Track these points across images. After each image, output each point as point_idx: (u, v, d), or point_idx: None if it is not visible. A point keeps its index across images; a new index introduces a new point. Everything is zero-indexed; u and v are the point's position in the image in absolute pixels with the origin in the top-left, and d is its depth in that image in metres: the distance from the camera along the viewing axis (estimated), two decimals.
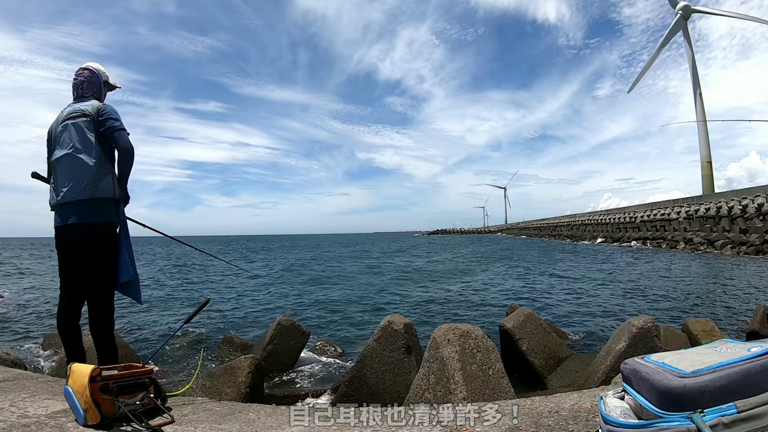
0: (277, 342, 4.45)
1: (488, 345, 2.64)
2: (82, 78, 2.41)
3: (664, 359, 1.15)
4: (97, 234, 2.17)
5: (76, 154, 2.18)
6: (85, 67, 2.46)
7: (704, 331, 4.67)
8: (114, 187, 2.23)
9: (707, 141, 40.15)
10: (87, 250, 2.16)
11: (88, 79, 2.42)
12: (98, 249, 2.17)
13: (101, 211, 2.18)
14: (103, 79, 2.49)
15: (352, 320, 7.74)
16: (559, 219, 66.28)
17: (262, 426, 1.72)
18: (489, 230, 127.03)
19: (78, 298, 2.21)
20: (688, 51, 41.40)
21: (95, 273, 2.18)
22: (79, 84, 2.40)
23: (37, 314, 8.16)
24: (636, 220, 35.48)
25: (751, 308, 6.87)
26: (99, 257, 2.18)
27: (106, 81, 2.53)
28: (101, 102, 2.40)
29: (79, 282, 2.20)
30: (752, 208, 22.48)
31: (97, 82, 2.45)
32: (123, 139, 2.26)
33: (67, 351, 2.21)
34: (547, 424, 1.60)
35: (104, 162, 2.23)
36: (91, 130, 2.22)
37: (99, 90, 2.46)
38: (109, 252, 2.21)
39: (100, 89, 2.47)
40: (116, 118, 2.29)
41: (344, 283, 13.80)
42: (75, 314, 2.22)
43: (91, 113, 2.26)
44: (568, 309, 8.22)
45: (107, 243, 2.21)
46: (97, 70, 2.47)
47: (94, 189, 2.15)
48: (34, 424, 1.59)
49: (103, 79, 2.50)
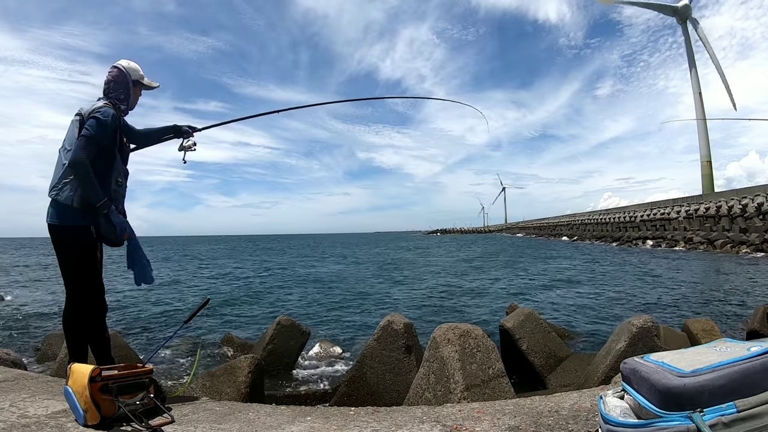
0: (277, 341, 4.45)
1: (488, 344, 2.64)
2: (109, 77, 2.30)
3: (663, 359, 1.15)
4: (58, 236, 2.14)
5: (61, 152, 2.16)
6: (115, 65, 2.33)
7: (704, 331, 4.67)
8: (74, 195, 2.09)
9: (707, 140, 40.17)
10: (55, 250, 2.16)
11: (114, 78, 2.30)
12: (59, 250, 2.15)
13: (63, 214, 2.11)
14: (132, 78, 2.35)
15: (352, 320, 7.74)
16: (559, 218, 66.30)
17: (262, 426, 1.72)
18: (489, 230, 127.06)
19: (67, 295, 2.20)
20: (688, 51, 41.46)
21: (62, 272, 2.18)
22: (105, 83, 2.30)
23: (38, 314, 8.15)
24: (636, 220, 35.49)
25: (751, 308, 6.87)
26: (61, 259, 2.16)
27: (138, 80, 2.38)
28: (114, 103, 2.26)
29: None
30: (752, 208, 22.48)
31: (124, 81, 2.31)
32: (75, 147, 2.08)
33: (68, 348, 2.22)
34: (547, 423, 1.60)
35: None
36: (77, 128, 2.15)
37: (126, 90, 2.32)
38: (67, 256, 2.15)
39: (128, 89, 2.33)
40: (92, 124, 2.11)
41: (344, 283, 13.80)
42: (71, 311, 2.19)
43: (83, 114, 2.17)
44: (568, 308, 8.22)
45: (67, 246, 2.14)
46: (125, 69, 2.32)
47: (59, 191, 2.10)
48: (34, 424, 1.59)
49: (133, 78, 2.35)
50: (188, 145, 2.60)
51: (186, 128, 2.61)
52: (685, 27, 41.01)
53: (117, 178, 2.26)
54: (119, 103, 2.30)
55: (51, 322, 7.44)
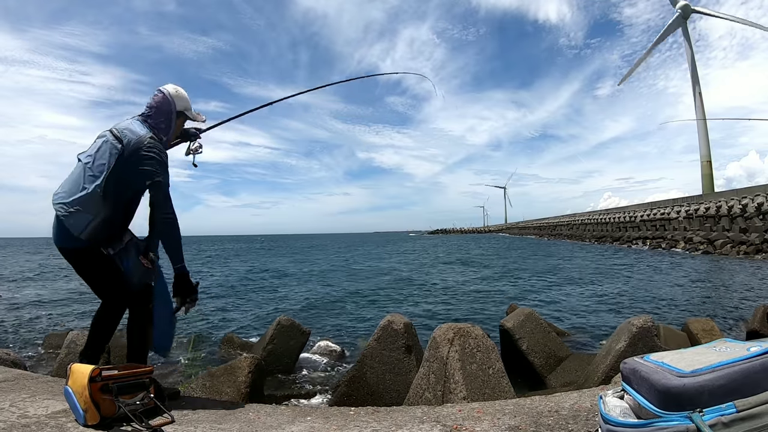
0: (277, 342, 4.45)
1: (488, 344, 2.64)
2: (152, 102, 2.09)
3: (663, 359, 1.15)
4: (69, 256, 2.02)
5: (84, 168, 1.91)
6: (161, 89, 2.11)
7: (704, 331, 4.67)
8: (86, 229, 1.88)
9: (707, 140, 40.18)
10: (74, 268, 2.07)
11: (157, 105, 2.08)
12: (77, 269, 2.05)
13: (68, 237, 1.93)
14: (177, 108, 2.12)
15: (352, 320, 7.74)
16: (559, 218, 66.31)
17: (262, 426, 1.72)
18: (489, 230, 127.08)
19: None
20: (688, 50, 41.43)
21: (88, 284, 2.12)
22: (148, 107, 2.10)
23: (38, 314, 8.15)
24: (636, 220, 35.49)
25: (751, 308, 6.87)
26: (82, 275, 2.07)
27: (182, 112, 2.15)
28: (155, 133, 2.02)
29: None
30: (752, 208, 22.47)
31: (167, 110, 2.09)
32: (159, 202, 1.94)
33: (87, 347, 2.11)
34: (547, 423, 1.60)
35: (97, 200, 1.87)
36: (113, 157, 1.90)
37: (168, 120, 2.10)
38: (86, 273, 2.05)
39: (170, 120, 2.10)
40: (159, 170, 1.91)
41: (344, 283, 13.79)
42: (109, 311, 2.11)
43: (121, 138, 1.92)
44: (568, 308, 8.22)
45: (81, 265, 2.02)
46: (171, 96, 2.10)
47: (68, 213, 1.88)
48: (34, 424, 1.59)
49: (178, 109, 2.12)
50: (195, 147, 2.51)
51: (194, 130, 2.51)
52: (686, 27, 41.01)
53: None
54: (159, 133, 2.07)
55: (51, 322, 7.44)
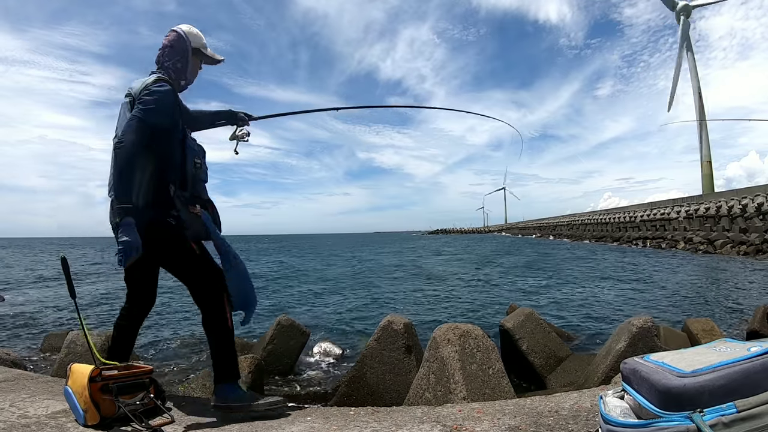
0: (276, 342, 4.45)
1: (488, 344, 2.64)
2: (165, 42, 1.95)
3: (663, 359, 1.15)
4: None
5: (113, 141, 1.78)
6: (174, 28, 1.98)
7: (704, 331, 4.67)
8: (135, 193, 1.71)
9: (707, 141, 40.21)
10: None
11: (171, 43, 1.94)
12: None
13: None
14: (193, 45, 1.98)
15: (352, 320, 7.74)
16: (559, 218, 66.32)
17: (262, 426, 1.72)
18: (489, 230, 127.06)
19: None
20: (688, 50, 41.47)
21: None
22: (160, 49, 1.95)
23: (38, 314, 8.14)
24: (636, 220, 35.50)
25: (751, 308, 6.87)
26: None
27: (198, 49, 2.01)
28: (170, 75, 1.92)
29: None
30: (752, 208, 22.47)
31: (182, 48, 1.95)
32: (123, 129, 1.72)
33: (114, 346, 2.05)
34: (547, 423, 1.60)
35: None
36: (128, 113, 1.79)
37: (185, 59, 1.96)
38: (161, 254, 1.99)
39: (186, 58, 1.96)
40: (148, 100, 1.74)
41: (344, 284, 13.80)
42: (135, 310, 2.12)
43: (133, 92, 1.81)
44: (568, 308, 8.22)
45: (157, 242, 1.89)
46: (185, 34, 1.96)
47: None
48: (34, 425, 1.59)
49: (194, 46, 1.98)
50: (242, 134, 2.32)
51: (242, 115, 2.33)
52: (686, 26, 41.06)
53: (194, 159, 1.96)
54: (176, 75, 1.96)
55: (51, 322, 7.43)
